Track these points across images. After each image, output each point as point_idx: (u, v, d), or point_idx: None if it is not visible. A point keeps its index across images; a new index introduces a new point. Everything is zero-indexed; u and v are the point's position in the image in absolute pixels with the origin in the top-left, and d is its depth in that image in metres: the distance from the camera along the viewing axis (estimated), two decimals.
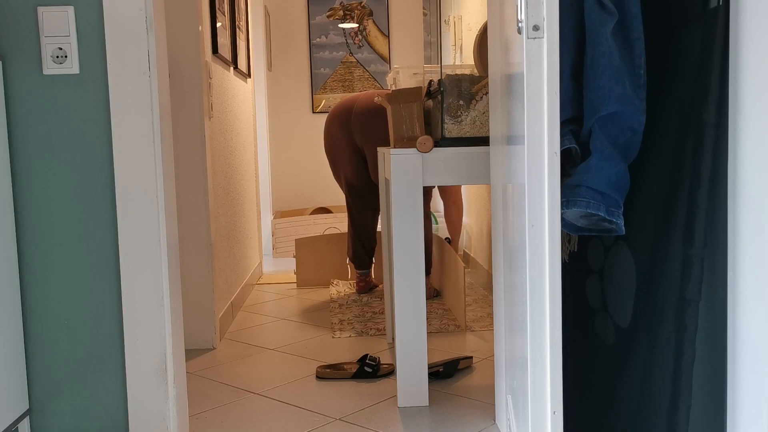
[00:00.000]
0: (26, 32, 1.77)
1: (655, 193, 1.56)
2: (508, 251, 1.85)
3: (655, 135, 1.57)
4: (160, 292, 1.83)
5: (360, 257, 4.03)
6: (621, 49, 1.49)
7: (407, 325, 2.33)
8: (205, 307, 3.10)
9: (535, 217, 1.39)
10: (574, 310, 1.89)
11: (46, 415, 1.86)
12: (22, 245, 1.82)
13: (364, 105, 3.80)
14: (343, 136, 3.87)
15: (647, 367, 1.55)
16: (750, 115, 1.29)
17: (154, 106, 1.79)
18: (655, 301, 1.53)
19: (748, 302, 1.31)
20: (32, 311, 1.84)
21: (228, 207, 3.64)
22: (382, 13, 6.15)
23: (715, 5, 1.37)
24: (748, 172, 1.30)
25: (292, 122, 6.17)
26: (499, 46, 1.90)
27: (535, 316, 1.40)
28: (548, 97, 1.34)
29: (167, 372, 1.85)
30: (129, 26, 1.77)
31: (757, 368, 1.29)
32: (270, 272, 4.92)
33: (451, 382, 2.58)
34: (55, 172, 1.81)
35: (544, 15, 1.32)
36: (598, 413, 1.76)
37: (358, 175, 3.90)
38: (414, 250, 2.31)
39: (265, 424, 2.26)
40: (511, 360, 1.85)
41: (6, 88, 1.79)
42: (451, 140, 2.32)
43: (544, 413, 1.41)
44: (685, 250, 1.42)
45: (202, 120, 3.03)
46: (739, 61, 1.32)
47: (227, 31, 3.68)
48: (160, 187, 1.81)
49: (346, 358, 2.89)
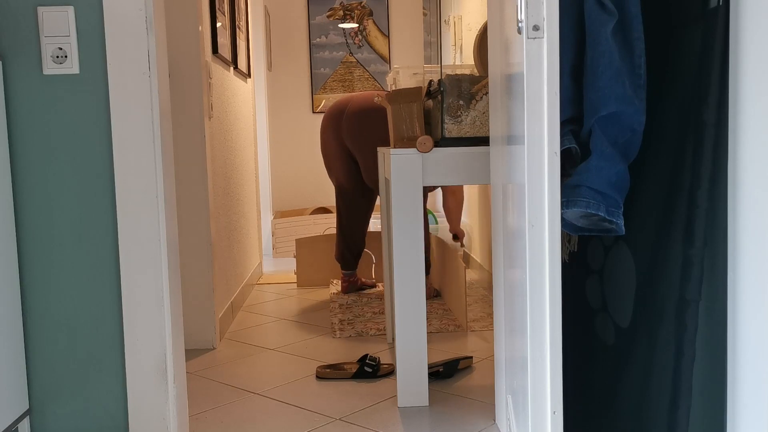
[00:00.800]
0: (26, 32, 1.77)
1: (655, 193, 1.55)
2: (508, 251, 1.85)
3: (655, 135, 1.57)
4: (160, 292, 1.83)
5: (346, 259, 4.03)
6: (621, 49, 1.49)
7: (407, 325, 2.33)
8: (205, 307, 3.10)
9: (535, 217, 1.39)
10: (574, 310, 1.89)
11: (46, 415, 1.86)
12: (22, 245, 1.82)
13: (356, 108, 3.78)
14: (334, 139, 3.86)
15: (647, 367, 1.55)
16: (750, 115, 1.29)
17: (154, 106, 1.79)
18: (655, 301, 1.53)
19: (748, 302, 1.31)
20: (32, 311, 1.84)
21: (228, 207, 3.64)
22: (382, 13, 6.15)
23: (715, 5, 1.37)
24: (748, 172, 1.30)
25: (292, 122, 6.17)
26: (499, 46, 1.90)
27: (535, 316, 1.40)
28: (548, 97, 1.34)
29: (167, 372, 1.85)
30: (129, 26, 1.77)
31: (757, 368, 1.29)
32: (270, 272, 4.92)
33: (451, 382, 2.58)
34: (55, 172, 1.81)
35: (544, 15, 1.32)
36: (598, 413, 1.76)
37: (349, 178, 3.88)
38: (414, 250, 2.31)
39: (265, 424, 2.26)
40: (511, 360, 1.85)
41: (6, 88, 1.79)
42: (451, 140, 2.32)
43: (544, 413, 1.41)
44: (685, 250, 1.42)
45: (202, 120, 3.03)
46: (739, 61, 1.32)
47: (227, 31, 3.68)
48: (160, 187, 1.81)
49: (346, 358, 2.89)
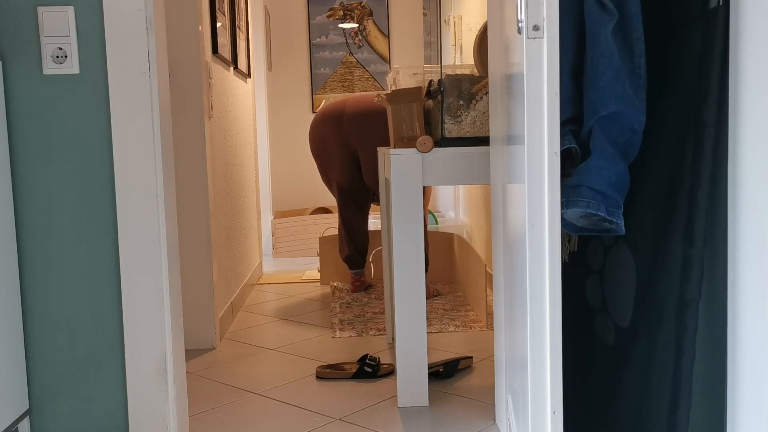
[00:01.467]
0: (26, 32, 1.77)
1: (655, 193, 1.55)
2: (508, 251, 1.85)
3: (655, 135, 1.57)
4: (160, 292, 1.83)
5: (354, 258, 4.02)
6: (621, 49, 1.49)
7: (407, 325, 2.33)
8: (205, 307, 3.10)
9: (535, 217, 1.39)
10: (574, 310, 1.89)
11: (46, 415, 1.86)
12: (22, 245, 1.82)
13: (357, 107, 3.78)
14: (334, 139, 3.83)
15: (647, 367, 1.55)
16: (750, 115, 1.29)
17: (154, 106, 1.79)
18: (655, 301, 1.53)
19: (748, 302, 1.31)
20: (32, 311, 1.84)
21: (228, 207, 3.64)
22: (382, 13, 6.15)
23: (715, 5, 1.37)
24: (748, 172, 1.30)
25: (292, 122, 6.17)
26: (499, 46, 1.90)
27: (535, 316, 1.40)
28: (548, 97, 1.34)
29: (167, 372, 1.85)
30: (129, 26, 1.77)
31: (757, 368, 1.29)
32: (270, 272, 4.92)
33: (451, 382, 2.58)
34: (55, 172, 1.81)
35: (544, 15, 1.32)
36: (598, 413, 1.76)
37: (349, 178, 3.87)
38: (414, 250, 2.31)
39: (265, 424, 2.26)
40: (511, 360, 1.85)
41: (6, 88, 1.79)
42: (451, 140, 2.32)
43: (544, 413, 1.41)
44: (685, 250, 1.42)
45: (202, 120, 3.03)
46: (739, 61, 1.32)
47: (227, 31, 3.68)
48: (160, 187, 1.81)
49: (346, 358, 2.89)
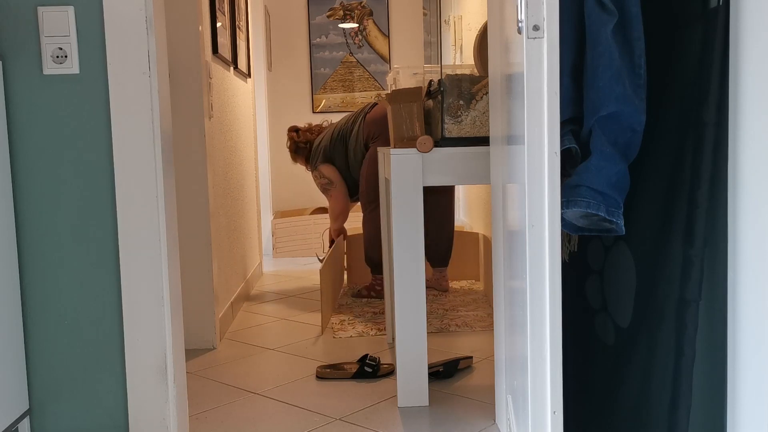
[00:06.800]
0: (26, 32, 1.77)
1: (655, 193, 1.55)
2: (508, 251, 1.85)
3: (655, 135, 1.57)
4: (160, 291, 1.83)
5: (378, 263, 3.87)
6: (621, 49, 1.49)
7: (407, 325, 2.33)
8: (205, 307, 3.10)
9: (535, 217, 1.39)
10: (574, 310, 1.89)
11: (46, 415, 1.86)
12: (22, 245, 1.82)
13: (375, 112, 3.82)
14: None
15: (647, 367, 1.55)
16: (750, 115, 1.29)
17: (154, 106, 1.79)
18: (655, 301, 1.53)
19: (748, 302, 1.31)
20: (32, 311, 1.84)
21: (228, 207, 3.64)
22: (382, 13, 6.15)
23: (715, 5, 1.37)
24: (748, 172, 1.30)
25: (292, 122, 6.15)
26: (499, 46, 1.90)
27: (535, 316, 1.40)
28: (548, 97, 1.34)
29: (167, 372, 1.85)
30: (129, 26, 1.77)
31: (757, 368, 1.29)
32: (270, 272, 4.92)
33: (451, 382, 2.58)
34: (55, 172, 1.81)
35: (544, 15, 1.32)
36: (598, 413, 1.76)
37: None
38: (414, 250, 2.31)
39: (265, 424, 2.26)
40: (511, 360, 1.85)
41: (6, 88, 1.79)
42: (451, 140, 2.32)
43: (544, 413, 1.41)
44: (685, 250, 1.42)
45: (202, 120, 3.02)
46: (739, 61, 1.32)
47: (227, 31, 3.68)
48: (160, 187, 1.81)
49: (346, 358, 2.89)
